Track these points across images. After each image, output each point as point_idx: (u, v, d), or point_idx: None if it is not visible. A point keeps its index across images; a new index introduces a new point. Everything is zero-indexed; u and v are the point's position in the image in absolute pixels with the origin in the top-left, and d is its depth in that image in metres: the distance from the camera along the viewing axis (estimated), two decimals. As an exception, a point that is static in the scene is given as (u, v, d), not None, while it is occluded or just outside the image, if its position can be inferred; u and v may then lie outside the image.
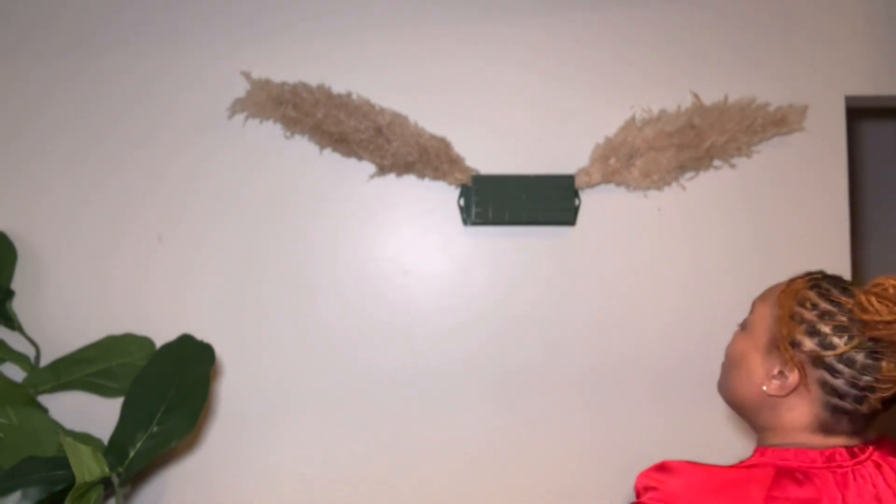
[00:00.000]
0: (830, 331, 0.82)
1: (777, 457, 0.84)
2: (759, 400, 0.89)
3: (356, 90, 1.57)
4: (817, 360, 0.83)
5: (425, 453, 1.58)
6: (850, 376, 0.81)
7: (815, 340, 0.83)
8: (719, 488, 0.79)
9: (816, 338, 0.83)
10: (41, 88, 1.58)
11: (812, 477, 0.81)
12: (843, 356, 0.81)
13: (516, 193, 1.56)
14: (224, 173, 1.59)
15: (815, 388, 0.84)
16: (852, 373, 0.81)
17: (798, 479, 0.80)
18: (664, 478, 0.82)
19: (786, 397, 0.86)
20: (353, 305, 1.59)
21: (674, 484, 0.81)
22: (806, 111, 1.61)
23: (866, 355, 0.81)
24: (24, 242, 1.56)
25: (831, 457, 0.83)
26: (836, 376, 0.82)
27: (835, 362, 0.82)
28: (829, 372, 0.82)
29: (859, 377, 0.81)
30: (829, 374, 0.82)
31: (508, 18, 1.62)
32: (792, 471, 0.81)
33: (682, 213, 1.61)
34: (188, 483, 1.56)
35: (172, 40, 1.59)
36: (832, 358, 0.82)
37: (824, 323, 0.82)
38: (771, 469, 0.82)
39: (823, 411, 0.84)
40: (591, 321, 1.60)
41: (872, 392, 0.81)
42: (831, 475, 0.81)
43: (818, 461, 0.83)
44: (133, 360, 1.48)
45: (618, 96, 1.61)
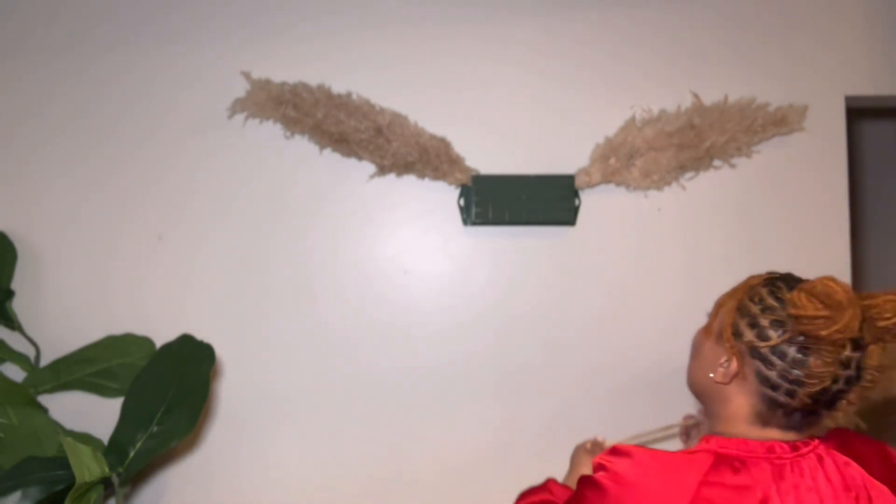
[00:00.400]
0: (768, 324, 0.86)
1: (719, 444, 0.88)
2: (709, 387, 0.94)
3: (356, 90, 1.57)
4: (754, 351, 0.87)
5: (425, 453, 1.58)
6: (781, 369, 0.85)
7: (755, 332, 0.87)
8: (661, 470, 0.84)
9: (756, 329, 0.87)
10: (41, 88, 1.58)
11: (749, 466, 0.85)
12: (775, 348, 0.85)
13: (516, 193, 1.56)
14: (224, 173, 1.59)
15: (753, 379, 0.88)
16: (784, 365, 0.85)
17: (735, 466, 0.85)
18: (615, 459, 0.87)
19: (729, 385, 0.91)
20: (353, 305, 1.59)
21: (622, 464, 0.86)
22: (806, 111, 1.61)
23: (797, 350, 0.84)
24: (24, 242, 1.56)
25: (771, 448, 0.87)
26: (769, 368, 0.86)
27: (769, 354, 0.86)
28: (763, 363, 0.86)
29: (790, 370, 0.85)
30: (764, 366, 0.86)
31: (508, 18, 1.62)
32: (730, 458, 0.86)
33: (682, 213, 1.61)
34: (188, 483, 1.56)
35: (172, 40, 1.59)
36: (766, 349, 0.86)
37: (765, 316, 0.87)
38: (711, 455, 0.86)
39: (760, 402, 0.88)
40: (591, 321, 1.60)
41: (801, 386, 0.84)
42: (769, 466, 0.85)
43: (758, 451, 0.86)
44: (133, 360, 1.48)
45: (618, 96, 1.61)
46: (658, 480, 0.83)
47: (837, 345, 0.82)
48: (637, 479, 0.84)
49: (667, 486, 0.83)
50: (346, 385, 1.58)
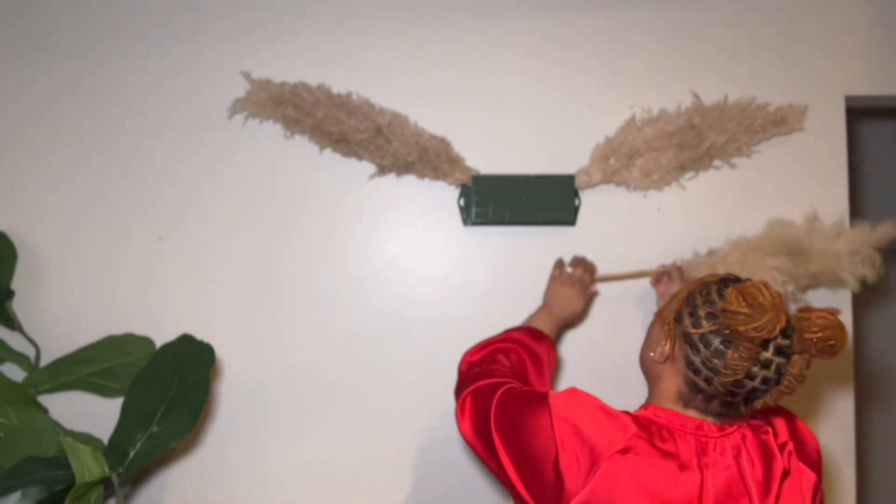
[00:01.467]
0: (704, 315, 0.94)
1: (654, 413, 0.98)
2: (649, 364, 1.04)
3: (356, 90, 1.57)
4: (687, 337, 0.95)
5: (425, 453, 1.58)
6: (704, 356, 0.92)
7: (691, 320, 0.95)
8: (600, 415, 0.96)
9: (693, 318, 0.95)
10: (42, 91, 1.58)
11: (676, 437, 0.94)
12: (703, 336, 0.93)
13: (516, 193, 1.56)
14: (224, 173, 1.59)
15: (681, 362, 0.96)
16: (706, 353, 0.92)
17: (664, 434, 0.94)
18: (569, 403, 0.97)
19: (663, 365, 0.99)
20: (352, 305, 1.59)
21: (568, 400, 0.98)
22: (806, 111, 1.61)
23: (721, 341, 0.91)
24: (24, 242, 1.56)
25: (700, 426, 0.96)
26: (695, 353, 0.93)
27: (697, 341, 0.93)
28: (692, 349, 0.94)
29: (710, 359, 0.92)
30: (692, 351, 0.94)
31: (509, 18, 1.62)
32: (661, 427, 0.95)
33: (682, 213, 1.61)
34: (188, 483, 1.56)
35: (172, 41, 1.59)
36: (696, 336, 0.93)
37: (703, 308, 0.94)
38: (646, 419, 0.97)
39: (684, 384, 0.96)
40: (591, 321, 1.60)
41: (717, 374, 0.92)
42: (694, 440, 0.94)
43: (687, 426, 0.96)
44: (133, 360, 1.48)
45: (618, 96, 1.61)
46: (601, 424, 0.94)
47: (754, 343, 0.88)
48: (577, 413, 0.96)
49: (610, 424, 0.94)
50: (345, 385, 1.58)
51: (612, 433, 0.93)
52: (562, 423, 0.95)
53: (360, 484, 1.58)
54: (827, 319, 0.90)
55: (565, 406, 0.97)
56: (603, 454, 0.91)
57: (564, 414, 0.96)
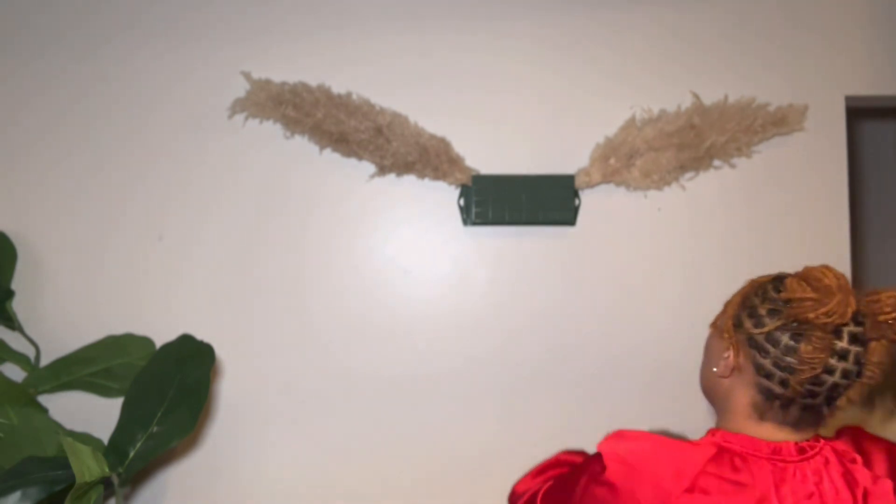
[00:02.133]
0: (765, 312, 0.86)
1: (724, 438, 0.88)
2: (714, 382, 0.94)
3: (356, 90, 1.57)
4: (751, 340, 0.87)
5: (425, 453, 1.58)
6: (774, 356, 0.85)
7: (752, 321, 0.87)
8: (663, 454, 0.85)
9: (753, 319, 0.87)
10: (42, 92, 1.58)
11: (750, 464, 0.85)
12: (770, 335, 0.85)
13: (516, 193, 1.56)
14: (224, 173, 1.59)
15: (750, 369, 0.88)
16: (777, 352, 0.84)
17: (736, 463, 0.85)
18: (619, 443, 0.88)
19: (730, 378, 0.90)
20: (353, 305, 1.59)
21: (625, 447, 0.87)
22: (806, 111, 1.61)
23: (790, 336, 0.84)
24: (24, 242, 1.56)
25: (777, 450, 0.86)
26: (763, 356, 0.86)
27: (763, 342, 0.86)
28: (759, 352, 0.86)
29: (782, 357, 0.84)
30: (760, 354, 0.86)
31: (508, 19, 1.62)
32: (732, 454, 0.86)
33: (682, 213, 1.61)
34: (188, 483, 1.56)
35: (172, 40, 1.59)
36: (761, 337, 0.86)
37: (763, 306, 0.87)
38: (713, 447, 0.87)
39: (757, 394, 0.88)
40: (591, 321, 1.60)
41: (792, 373, 0.84)
42: (771, 467, 0.85)
43: (762, 451, 0.86)
44: (133, 360, 1.47)
45: (618, 96, 1.61)
46: (662, 465, 0.84)
47: (826, 330, 0.81)
48: (638, 463, 0.85)
49: (667, 469, 0.83)
50: (345, 385, 1.58)
51: (675, 471, 0.83)
52: (616, 467, 0.85)
53: (359, 483, 1.58)
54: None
55: (614, 454, 0.87)
56: (670, 496, 0.82)
57: (616, 464, 0.86)
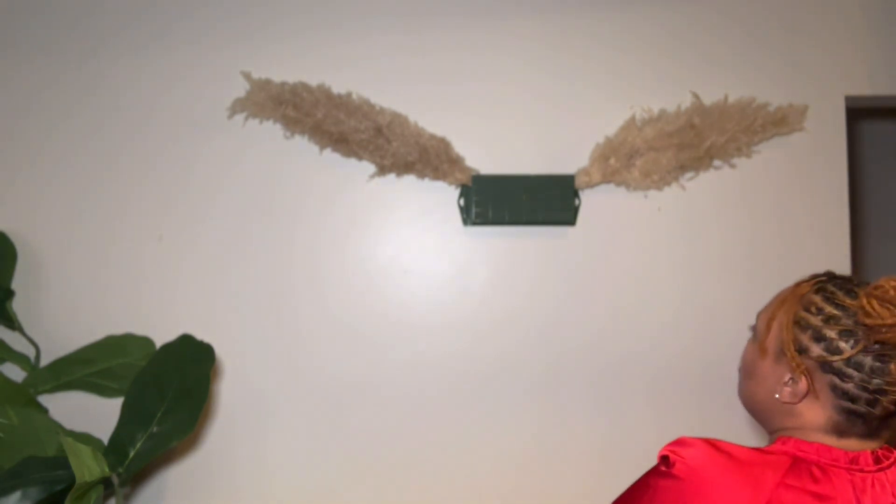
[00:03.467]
0: (836, 335, 0.81)
1: (797, 447, 0.83)
2: (774, 407, 0.88)
3: (356, 90, 1.57)
4: (825, 366, 0.82)
5: (425, 452, 1.58)
6: (859, 380, 0.81)
7: (822, 346, 0.82)
8: (735, 466, 0.79)
9: (823, 343, 0.82)
10: (42, 92, 1.58)
11: (830, 475, 0.80)
12: (850, 360, 0.81)
13: (516, 193, 1.56)
14: (224, 173, 1.59)
15: (827, 393, 0.83)
16: (861, 376, 0.80)
17: (815, 474, 0.80)
18: (684, 450, 0.81)
19: (798, 403, 0.85)
20: (353, 305, 1.59)
21: (693, 455, 0.81)
22: (806, 111, 1.61)
23: (874, 358, 0.80)
24: (24, 242, 1.56)
25: (855, 460, 0.82)
26: (845, 381, 0.81)
27: (843, 367, 0.81)
28: (838, 376, 0.82)
29: (869, 380, 0.80)
30: (839, 379, 0.82)
31: (508, 19, 1.62)
32: (810, 464, 0.81)
33: (682, 213, 1.61)
34: (188, 483, 1.56)
35: (172, 41, 1.59)
36: (840, 363, 0.81)
37: (829, 327, 0.82)
38: (788, 458, 0.82)
39: (837, 415, 0.83)
40: (591, 321, 1.60)
41: (884, 395, 0.80)
42: (850, 477, 0.81)
43: (841, 461, 0.82)
44: (133, 360, 1.48)
45: (618, 96, 1.61)
46: (733, 475, 0.79)
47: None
48: (707, 471, 0.79)
49: (741, 483, 0.78)
50: (345, 385, 1.58)
51: (752, 483, 0.78)
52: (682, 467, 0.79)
53: (360, 483, 1.58)
54: None
55: (678, 456, 0.81)
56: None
57: (681, 464, 0.80)
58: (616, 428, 1.59)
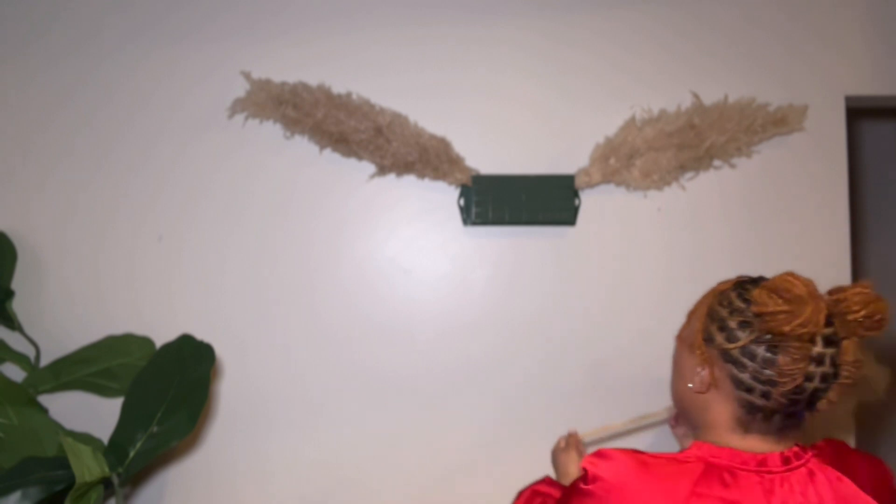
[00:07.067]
0: (736, 325, 0.85)
1: (710, 453, 0.86)
2: (690, 398, 0.92)
3: (356, 90, 1.57)
4: (726, 355, 0.86)
5: (425, 453, 1.58)
6: (753, 370, 0.84)
7: (724, 335, 0.86)
8: (652, 477, 0.82)
9: (725, 332, 0.86)
10: (42, 89, 1.58)
11: (739, 479, 0.83)
12: (745, 349, 0.84)
13: (516, 193, 1.56)
14: (224, 174, 1.59)
15: (727, 384, 0.86)
16: (755, 366, 0.83)
17: (725, 479, 0.82)
18: (602, 463, 0.84)
19: (707, 394, 0.89)
20: (352, 305, 1.59)
21: (610, 469, 0.83)
22: (806, 111, 1.61)
23: (766, 349, 0.83)
24: (24, 242, 1.56)
25: (763, 462, 0.84)
26: (741, 370, 0.85)
27: (739, 356, 0.84)
28: (736, 366, 0.85)
29: (761, 371, 0.83)
30: (737, 369, 0.85)
31: (509, 19, 1.62)
32: (721, 469, 0.83)
33: (682, 213, 1.61)
34: (188, 483, 1.56)
35: (172, 40, 1.59)
36: (736, 351, 0.85)
37: (732, 318, 0.86)
38: (700, 465, 0.84)
39: (739, 407, 0.86)
40: (591, 321, 1.60)
41: (774, 386, 0.83)
42: (759, 479, 0.83)
43: (750, 464, 0.84)
44: (133, 360, 1.48)
45: (618, 96, 1.61)
46: (648, 487, 0.81)
47: (803, 340, 0.80)
48: (626, 485, 0.81)
49: (658, 495, 0.80)
50: (345, 385, 1.58)
51: (664, 494, 0.80)
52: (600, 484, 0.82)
53: (360, 484, 1.58)
54: (864, 294, 0.82)
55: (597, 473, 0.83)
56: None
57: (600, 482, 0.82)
58: (616, 428, 1.59)
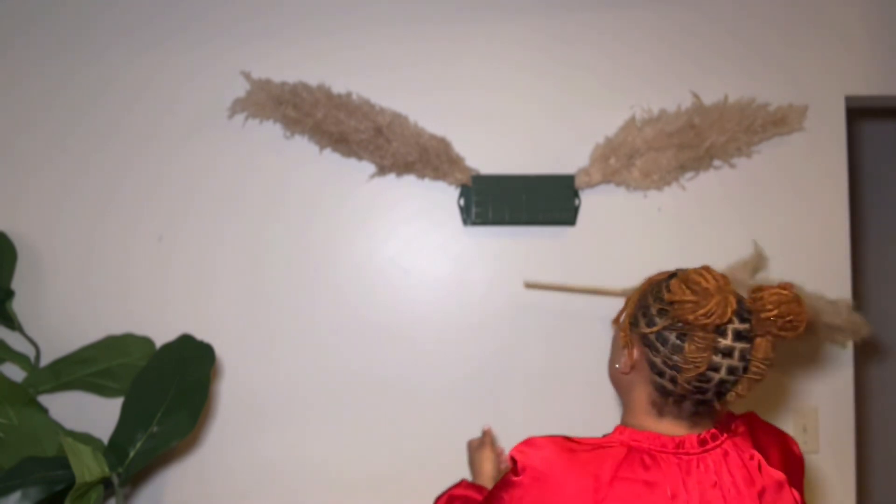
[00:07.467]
0: (656, 312, 0.89)
1: (631, 437, 0.89)
2: (618, 378, 0.97)
3: (356, 90, 1.57)
4: (645, 339, 0.90)
5: (425, 453, 1.58)
6: (664, 354, 0.87)
7: (645, 320, 0.90)
8: (576, 463, 0.85)
9: (646, 318, 0.90)
10: (42, 89, 1.58)
11: (658, 461, 0.86)
12: (659, 334, 0.88)
13: (516, 193, 1.56)
14: (224, 173, 1.59)
15: (644, 366, 0.90)
16: (665, 351, 0.87)
17: (646, 462, 0.86)
18: (529, 451, 0.87)
19: (630, 375, 0.93)
20: (353, 305, 1.59)
21: (535, 458, 0.86)
22: (806, 111, 1.61)
23: (676, 336, 0.86)
24: (24, 242, 1.56)
25: (681, 444, 0.89)
26: (655, 354, 0.88)
27: (654, 340, 0.88)
28: (651, 350, 0.89)
29: (670, 356, 0.87)
30: (651, 352, 0.89)
31: (508, 18, 1.62)
32: (641, 452, 0.87)
33: (682, 213, 1.61)
34: (188, 483, 1.56)
35: (173, 40, 1.59)
36: (653, 336, 0.88)
37: (654, 305, 0.89)
38: (623, 449, 0.87)
39: (653, 390, 0.90)
40: (591, 321, 1.60)
41: (679, 372, 0.86)
42: (676, 461, 0.87)
43: (668, 446, 0.88)
44: (133, 360, 1.48)
45: (618, 96, 1.61)
46: (574, 473, 0.84)
47: (707, 330, 0.83)
48: (553, 471, 0.84)
49: (583, 480, 0.83)
50: (345, 384, 1.58)
51: (590, 477, 0.84)
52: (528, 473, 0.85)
53: (359, 484, 1.58)
54: (780, 295, 0.84)
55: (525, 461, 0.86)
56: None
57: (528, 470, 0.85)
58: (616, 428, 1.59)
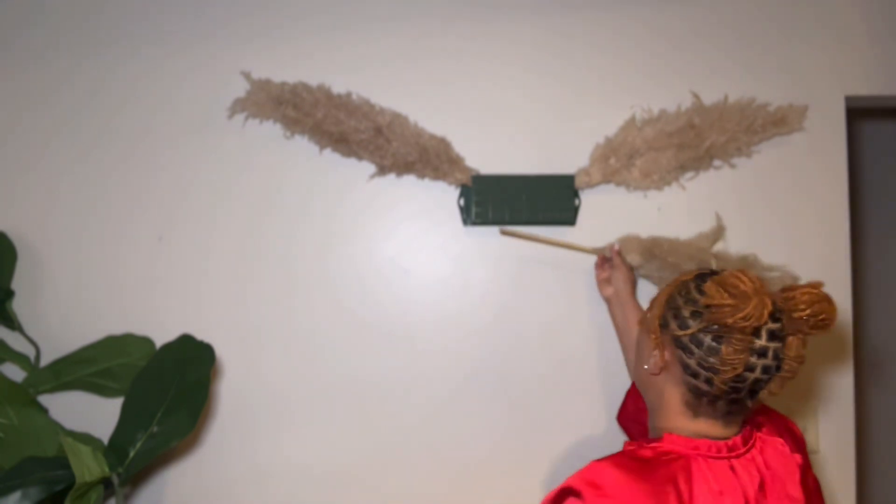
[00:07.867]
0: (689, 314, 0.90)
1: (688, 445, 0.91)
2: (647, 380, 0.98)
3: (356, 90, 1.57)
4: (677, 340, 0.92)
5: (424, 454, 1.58)
6: (699, 356, 0.89)
7: (677, 322, 0.92)
8: (649, 492, 0.85)
9: (678, 320, 0.91)
10: (42, 88, 1.58)
11: (713, 467, 0.89)
12: (693, 337, 0.90)
13: (516, 193, 1.56)
14: (224, 173, 1.59)
15: (678, 368, 0.92)
16: (700, 353, 0.89)
17: (712, 469, 0.88)
18: (598, 480, 0.86)
19: (660, 376, 0.95)
20: (352, 305, 1.59)
21: (594, 470, 0.87)
22: (806, 111, 1.61)
23: (712, 338, 0.88)
24: (24, 242, 1.56)
25: (732, 447, 0.91)
26: (689, 356, 0.90)
27: (688, 342, 0.90)
28: (685, 352, 0.91)
29: (706, 358, 0.89)
30: (685, 354, 0.91)
31: (508, 18, 1.62)
32: (699, 460, 0.89)
33: (682, 213, 1.61)
34: (188, 483, 1.56)
35: (172, 40, 1.59)
36: (686, 338, 0.90)
37: (686, 307, 0.91)
38: (685, 461, 0.89)
39: (687, 391, 0.92)
40: (591, 321, 1.60)
41: (716, 373, 0.88)
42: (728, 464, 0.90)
43: (722, 451, 0.91)
44: (133, 360, 1.47)
45: (618, 96, 1.61)
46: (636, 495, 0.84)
47: (745, 332, 0.85)
48: (611, 486, 0.85)
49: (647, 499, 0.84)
50: (345, 385, 1.58)
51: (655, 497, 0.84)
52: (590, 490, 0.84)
53: (359, 484, 1.58)
54: (812, 294, 0.87)
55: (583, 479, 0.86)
56: None
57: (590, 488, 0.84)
58: (617, 426, 1.59)
